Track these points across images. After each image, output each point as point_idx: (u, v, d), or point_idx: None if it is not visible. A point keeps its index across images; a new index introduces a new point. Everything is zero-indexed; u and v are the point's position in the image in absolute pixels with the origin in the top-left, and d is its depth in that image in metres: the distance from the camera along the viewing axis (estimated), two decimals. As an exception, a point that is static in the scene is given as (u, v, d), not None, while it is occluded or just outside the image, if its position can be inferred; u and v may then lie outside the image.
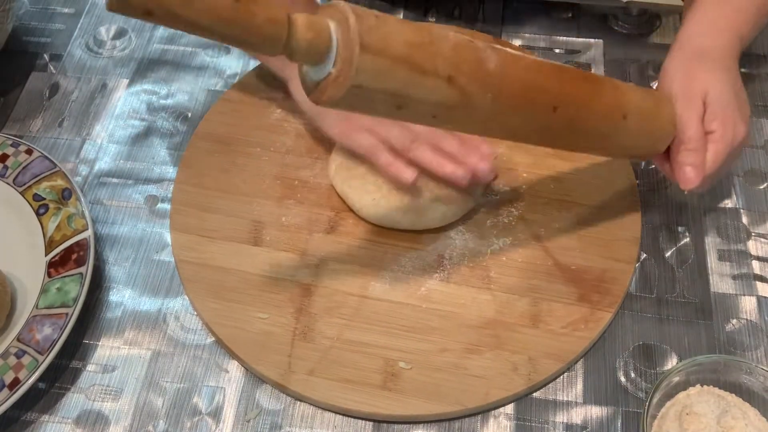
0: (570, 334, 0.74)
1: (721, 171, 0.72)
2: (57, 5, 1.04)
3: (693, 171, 0.68)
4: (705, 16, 0.75)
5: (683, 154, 0.69)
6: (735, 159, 0.74)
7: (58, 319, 0.72)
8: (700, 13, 0.76)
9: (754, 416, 0.68)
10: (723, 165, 0.70)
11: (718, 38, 0.74)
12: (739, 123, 0.69)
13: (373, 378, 0.72)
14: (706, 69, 0.71)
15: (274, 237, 0.81)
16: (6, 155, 0.84)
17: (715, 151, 0.69)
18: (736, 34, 0.74)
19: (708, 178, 0.70)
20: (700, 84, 0.70)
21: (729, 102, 0.70)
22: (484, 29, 0.98)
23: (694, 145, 0.68)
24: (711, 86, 0.70)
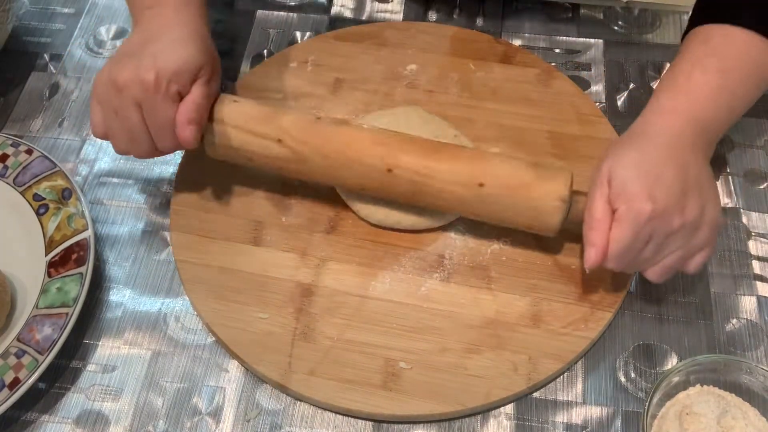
0: (570, 334, 0.74)
1: (652, 254, 0.69)
2: (57, 5, 1.04)
3: (592, 250, 0.68)
4: (654, 101, 0.74)
5: (584, 233, 0.69)
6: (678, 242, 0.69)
7: (58, 319, 0.72)
8: (652, 99, 0.75)
9: (754, 416, 0.68)
10: (641, 245, 0.68)
11: (645, 122, 0.73)
12: (644, 201, 0.66)
13: (374, 378, 0.72)
14: (618, 151, 0.70)
15: (274, 237, 0.81)
16: (6, 155, 0.84)
17: (618, 228, 0.67)
18: (682, 117, 0.71)
19: (625, 257, 0.68)
20: (608, 163, 0.69)
21: (633, 180, 0.67)
22: (483, 29, 0.98)
23: (594, 224, 0.68)
24: (616, 165, 0.69)
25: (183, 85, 0.73)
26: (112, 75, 0.73)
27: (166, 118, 0.73)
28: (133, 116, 0.73)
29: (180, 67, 0.73)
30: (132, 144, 0.75)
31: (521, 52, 0.95)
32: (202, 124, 0.76)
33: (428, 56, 0.95)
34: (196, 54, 0.75)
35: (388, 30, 0.98)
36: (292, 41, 0.99)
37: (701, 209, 0.68)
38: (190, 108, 0.73)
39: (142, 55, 0.73)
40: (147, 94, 0.72)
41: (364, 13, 1.02)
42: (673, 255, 0.69)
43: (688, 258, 0.70)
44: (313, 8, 1.02)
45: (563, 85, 0.91)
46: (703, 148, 0.72)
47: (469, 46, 0.95)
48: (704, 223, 0.69)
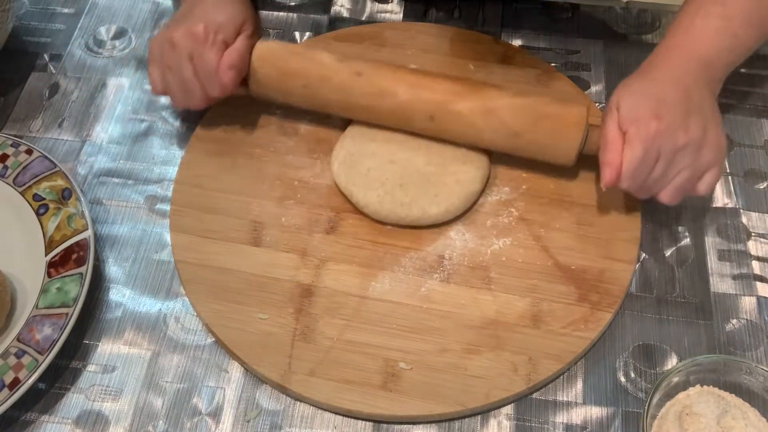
0: (570, 335, 0.74)
1: (662, 173, 0.73)
2: (57, 5, 1.04)
3: (608, 169, 0.73)
4: (661, 43, 0.79)
5: (600, 154, 0.75)
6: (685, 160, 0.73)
7: (58, 319, 0.72)
8: (660, 42, 0.80)
9: (754, 416, 0.68)
10: (651, 163, 0.72)
11: (657, 56, 0.78)
12: (650, 119, 0.72)
13: (374, 378, 0.72)
14: (625, 82, 0.77)
15: (274, 237, 0.81)
16: (6, 155, 0.84)
17: (630, 149, 0.72)
18: (685, 54, 0.76)
19: (637, 176, 0.73)
20: (616, 94, 0.76)
21: (638, 102, 0.73)
22: (483, 29, 0.98)
23: (608, 146, 0.73)
24: (622, 94, 0.75)
25: (228, 36, 0.81)
26: (167, 35, 0.81)
27: (212, 65, 0.80)
28: (186, 68, 0.80)
29: (225, 20, 0.82)
30: (187, 95, 0.82)
31: (521, 53, 0.95)
32: (243, 70, 0.83)
33: (428, 57, 0.95)
34: (239, 10, 0.84)
35: (388, 30, 0.98)
36: (292, 41, 0.99)
37: (704, 129, 0.73)
38: (232, 55, 0.81)
39: (191, 15, 0.82)
40: (197, 44, 0.80)
41: (364, 14, 1.02)
42: (682, 173, 0.73)
43: (697, 177, 0.74)
44: (313, 8, 1.02)
45: (563, 85, 0.91)
46: (706, 82, 0.76)
47: (469, 46, 0.95)
48: (708, 142, 0.73)
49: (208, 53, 0.80)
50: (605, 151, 0.74)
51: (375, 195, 0.80)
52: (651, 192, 0.75)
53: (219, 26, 0.81)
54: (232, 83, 0.81)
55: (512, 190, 0.83)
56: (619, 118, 0.73)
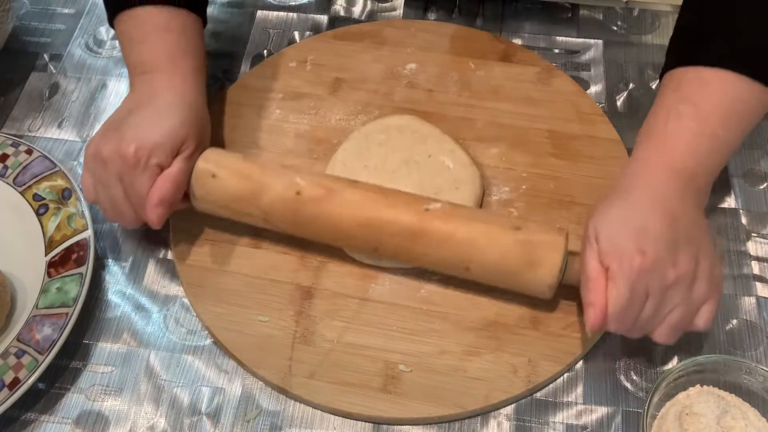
0: (569, 336, 0.74)
1: (654, 312, 0.67)
2: (57, 5, 1.04)
3: (591, 310, 0.66)
4: (635, 153, 0.73)
5: (582, 292, 0.68)
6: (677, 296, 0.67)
7: (58, 319, 0.72)
8: (634, 150, 0.73)
9: (754, 416, 0.68)
10: (640, 302, 0.66)
11: (632, 170, 0.71)
12: (633, 255, 0.65)
13: (374, 381, 0.72)
14: (603, 207, 0.69)
15: (274, 240, 0.81)
16: (6, 155, 0.84)
17: (615, 288, 0.65)
18: (663, 168, 0.69)
19: (625, 316, 0.66)
20: (593, 222, 0.69)
21: (620, 235, 0.66)
22: (483, 29, 0.98)
23: (590, 285, 0.66)
24: (600, 222, 0.68)
25: (163, 159, 0.73)
26: (98, 147, 0.73)
27: (143, 192, 0.73)
28: (116, 189, 0.73)
29: (160, 140, 0.73)
30: (117, 215, 0.76)
31: (521, 51, 0.95)
32: (177, 200, 0.75)
33: (428, 55, 0.95)
34: (180, 125, 0.74)
35: (388, 29, 0.97)
36: (292, 41, 0.99)
37: (694, 260, 0.66)
38: (163, 187, 0.73)
39: (126, 126, 0.74)
40: (127, 167, 0.72)
41: (364, 13, 1.02)
42: (676, 311, 0.67)
43: (693, 313, 0.68)
44: (313, 8, 1.02)
45: (564, 83, 0.91)
46: (692, 196, 0.70)
47: (469, 44, 0.95)
48: (701, 274, 0.67)
49: (139, 179, 0.72)
50: (587, 289, 0.67)
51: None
52: (643, 332, 0.69)
53: (153, 149, 0.72)
54: (157, 220, 0.73)
55: (512, 190, 0.83)
56: (599, 252, 0.67)
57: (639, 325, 0.67)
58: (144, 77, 0.79)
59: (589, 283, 0.66)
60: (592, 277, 0.66)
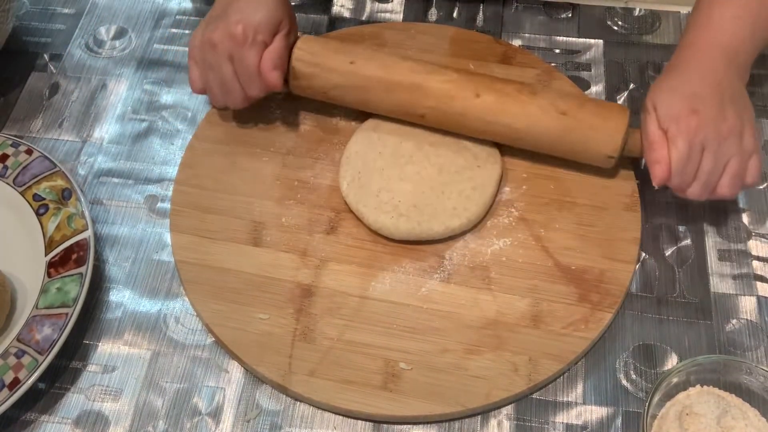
0: (570, 335, 0.74)
1: (711, 165, 0.74)
2: (57, 5, 1.04)
3: (657, 166, 0.75)
4: (683, 37, 0.81)
5: (646, 154, 0.77)
6: (731, 149, 0.74)
7: (58, 320, 0.72)
8: (682, 35, 0.82)
9: (754, 416, 0.68)
10: (698, 156, 0.74)
11: (681, 52, 0.80)
12: (688, 115, 0.73)
13: (374, 379, 0.72)
14: (656, 83, 0.79)
15: (274, 237, 0.81)
16: (6, 155, 0.84)
17: (675, 146, 0.74)
18: (708, 47, 0.78)
19: (686, 170, 0.74)
20: (650, 96, 0.78)
21: (674, 100, 0.75)
22: (483, 29, 0.98)
23: (653, 146, 0.75)
24: (656, 94, 0.77)
25: (267, 36, 0.82)
26: (206, 35, 0.82)
27: (253, 65, 0.81)
28: (227, 68, 0.82)
29: (263, 20, 0.81)
30: (226, 95, 0.83)
31: (521, 53, 0.95)
32: (284, 69, 0.83)
33: (428, 57, 0.94)
34: (276, 8, 0.83)
35: (388, 30, 0.98)
36: (292, 41, 0.99)
37: (740, 117, 0.75)
38: (273, 56, 0.81)
39: (229, 13, 0.82)
40: (236, 45, 0.80)
41: (364, 14, 1.02)
42: (733, 161, 0.75)
43: (746, 162, 0.75)
44: (313, 8, 1.02)
45: (563, 85, 0.91)
46: (735, 72, 0.78)
47: (469, 46, 0.95)
48: (747, 127, 0.75)
49: (248, 54, 0.80)
50: (651, 150, 0.75)
51: (388, 218, 0.79)
52: (709, 187, 0.75)
53: (257, 27, 0.81)
54: (278, 82, 0.82)
55: (512, 190, 0.83)
56: (657, 118, 0.75)
57: (702, 179, 0.75)
58: None
59: (653, 144, 0.75)
60: (654, 140, 0.75)
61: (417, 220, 0.79)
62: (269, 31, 0.82)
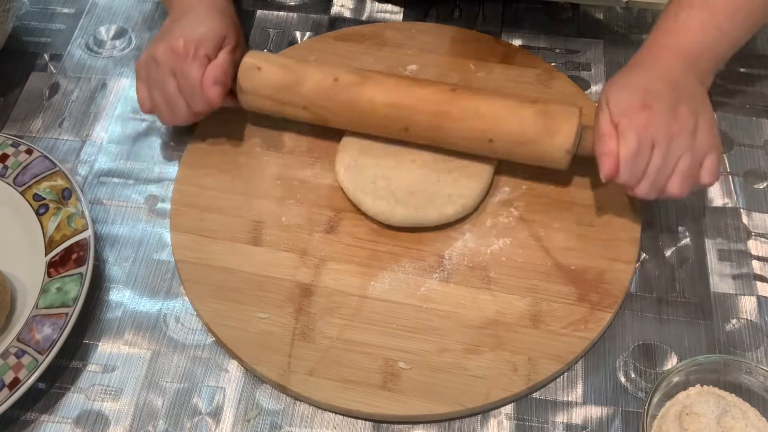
0: (570, 335, 0.74)
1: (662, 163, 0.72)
2: (57, 5, 1.04)
3: (605, 159, 0.73)
4: (647, 40, 0.80)
5: (595, 147, 0.75)
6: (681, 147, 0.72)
7: (58, 319, 0.72)
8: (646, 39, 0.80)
9: (754, 416, 0.68)
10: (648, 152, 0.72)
11: (642, 52, 0.79)
12: (639, 109, 0.72)
13: (373, 378, 0.72)
14: (612, 79, 0.78)
15: (274, 237, 0.81)
16: (6, 155, 0.84)
17: (624, 140, 0.72)
18: (670, 51, 0.77)
19: (635, 165, 0.72)
20: (604, 90, 0.76)
21: (626, 94, 0.74)
22: (484, 29, 0.98)
23: (602, 139, 0.73)
24: (611, 89, 0.76)
25: (210, 50, 0.81)
26: (150, 53, 0.82)
27: (195, 80, 0.80)
28: (170, 84, 0.81)
29: (205, 34, 0.82)
30: (172, 111, 0.83)
31: (521, 53, 0.95)
32: (228, 85, 0.83)
33: (429, 56, 0.95)
34: (220, 24, 0.83)
35: (389, 30, 0.98)
36: (292, 41, 0.99)
37: (695, 115, 0.73)
38: (215, 70, 0.81)
39: (172, 30, 0.83)
40: (178, 60, 0.80)
41: (364, 14, 1.02)
42: (683, 160, 0.73)
43: (698, 162, 0.73)
44: (313, 8, 1.02)
45: (563, 85, 0.91)
46: (695, 75, 0.77)
47: (470, 46, 0.95)
48: (701, 126, 0.73)
49: (190, 68, 0.80)
50: (600, 143, 0.74)
51: (385, 204, 0.79)
52: (658, 186, 0.73)
53: (199, 41, 0.81)
54: (217, 98, 0.81)
55: (512, 190, 0.83)
56: (609, 113, 0.74)
57: (651, 176, 0.73)
58: (180, 1, 0.87)
59: (602, 138, 0.74)
60: (605, 133, 0.74)
61: (413, 206, 0.79)
62: (212, 45, 0.81)
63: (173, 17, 0.86)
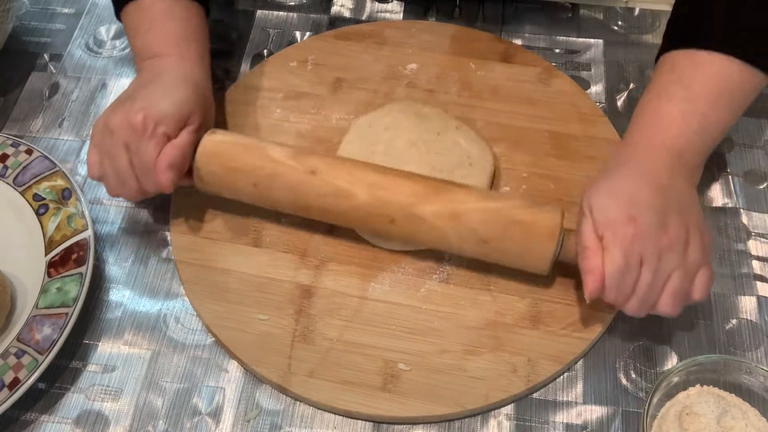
0: (570, 336, 0.74)
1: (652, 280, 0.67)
2: (57, 5, 1.04)
3: (590, 277, 0.68)
4: (627, 135, 0.76)
5: (580, 262, 0.70)
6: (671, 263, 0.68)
7: (58, 319, 0.72)
8: (626, 132, 0.77)
9: (754, 416, 0.68)
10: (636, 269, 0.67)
11: (623, 151, 0.75)
12: (625, 223, 0.67)
13: (373, 379, 0.72)
14: (596, 182, 0.72)
15: (274, 238, 0.81)
16: (6, 155, 0.84)
17: (609, 256, 0.67)
18: (653, 147, 0.72)
19: (622, 283, 0.67)
20: (587, 196, 0.71)
21: (611, 205, 0.68)
22: (483, 29, 0.98)
23: (586, 253, 0.68)
24: (593, 195, 0.70)
25: (170, 129, 0.74)
26: (106, 119, 0.75)
27: (149, 160, 0.74)
28: (122, 157, 0.74)
29: (168, 111, 0.74)
30: (121, 186, 0.76)
31: (522, 51, 0.95)
32: (184, 169, 0.76)
33: (429, 55, 0.95)
34: (187, 100, 0.77)
35: (389, 29, 0.98)
36: (292, 41, 0.99)
37: (685, 226, 0.68)
38: (173, 153, 0.74)
39: (135, 98, 0.76)
40: (135, 135, 0.73)
41: (364, 13, 1.02)
42: (674, 278, 0.68)
43: (690, 278, 0.68)
44: (313, 8, 1.02)
45: (564, 84, 0.91)
46: (682, 173, 0.72)
47: (470, 44, 0.95)
48: (692, 240, 0.68)
49: (146, 147, 0.73)
50: (584, 258, 0.69)
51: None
52: (647, 304, 0.68)
53: (161, 118, 0.74)
54: (169, 184, 0.74)
55: (512, 190, 0.83)
56: (593, 223, 0.69)
57: (639, 294, 0.68)
58: (151, 62, 0.81)
59: (586, 252, 0.68)
60: (589, 246, 0.68)
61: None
62: (174, 124, 0.74)
63: (140, 80, 0.80)
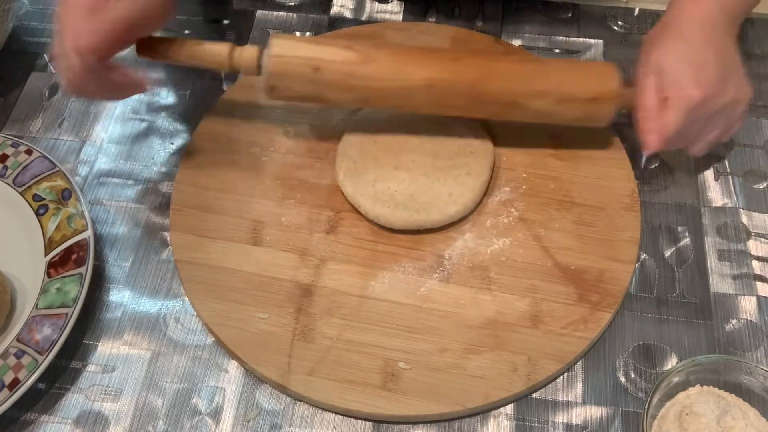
0: (570, 335, 0.74)
1: (698, 132, 0.77)
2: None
3: (651, 136, 0.74)
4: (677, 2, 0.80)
5: (640, 122, 0.75)
6: (720, 120, 0.77)
7: (58, 320, 0.72)
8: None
9: (754, 416, 0.68)
10: (691, 126, 0.75)
11: (681, 11, 0.78)
12: (693, 88, 0.72)
13: (373, 378, 0.72)
14: (662, 42, 0.76)
15: (274, 237, 0.81)
16: (6, 155, 0.84)
17: (672, 114, 0.73)
18: (710, 5, 0.76)
19: (677, 139, 0.75)
20: (655, 56, 0.75)
21: (682, 69, 0.74)
22: (483, 30, 0.98)
23: (647, 113, 0.74)
24: (663, 56, 0.75)
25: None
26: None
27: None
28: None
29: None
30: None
31: (521, 53, 0.95)
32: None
33: (428, 55, 0.95)
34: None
35: (388, 30, 0.97)
36: (292, 41, 0.99)
37: (738, 90, 0.76)
38: None
39: None
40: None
41: (364, 14, 1.02)
42: (716, 131, 0.77)
43: (727, 131, 0.79)
44: (313, 8, 1.02)
45: (563, 84, 0.91)
46: (731, 32, 0.78)
47: (469, 46, 0.95)
48: (741, 100, 0.77)
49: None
50: (647, 119, 0.74)
51: (385, 208, 0.79)
52: (681, 146, 0.78)
53: None
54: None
55: (512, 190, 0.83)
56: (661, 84, 0.74)
57: (687, 141, 0.78)
58: None
59: (649, 112, 0.74)
60: (651, 105, 0.74)
61: (414, 209, 0.79)
62: None
63: None
